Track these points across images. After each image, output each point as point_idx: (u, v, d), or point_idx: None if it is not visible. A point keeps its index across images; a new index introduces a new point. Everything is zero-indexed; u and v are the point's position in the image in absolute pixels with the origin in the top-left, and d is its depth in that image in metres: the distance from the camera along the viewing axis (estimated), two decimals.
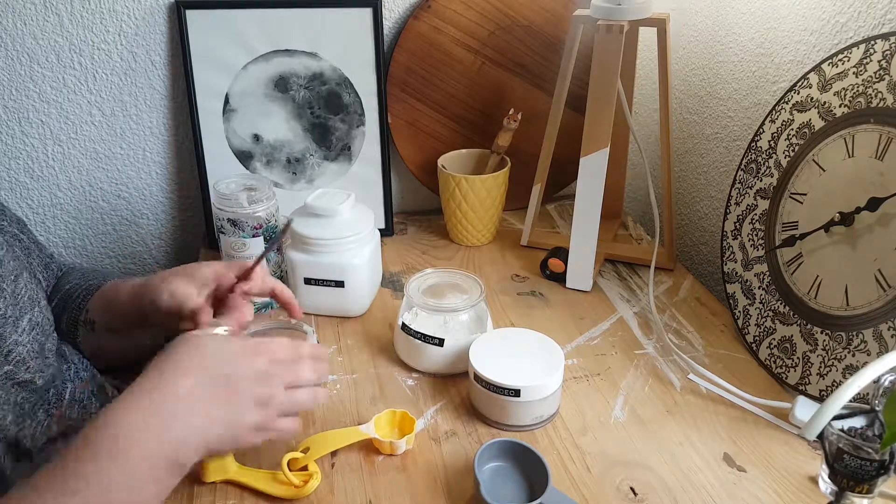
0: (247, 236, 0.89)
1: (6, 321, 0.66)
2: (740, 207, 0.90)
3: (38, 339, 0.71)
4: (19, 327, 0.69)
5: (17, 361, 0.68)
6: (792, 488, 0.69)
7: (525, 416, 0.75)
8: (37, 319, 0.71)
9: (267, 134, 1.07)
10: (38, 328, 0.71)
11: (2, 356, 0.66)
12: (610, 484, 0.69)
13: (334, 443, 0.72)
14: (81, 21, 1.00)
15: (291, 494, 0.68)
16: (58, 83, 1.03)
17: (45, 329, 0.73)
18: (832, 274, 0.77)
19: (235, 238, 0.90)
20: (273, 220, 0.91)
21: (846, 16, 0.83)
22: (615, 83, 0.90)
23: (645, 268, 1.03)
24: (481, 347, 0.78)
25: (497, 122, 1.07)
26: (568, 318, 0.94)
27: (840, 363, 0.75)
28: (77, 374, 0.76)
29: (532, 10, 1.07)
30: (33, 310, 0.71)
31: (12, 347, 0.67)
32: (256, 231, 0.89)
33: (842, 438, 0.62)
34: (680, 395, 0.81)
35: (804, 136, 0.82)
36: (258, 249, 0.90)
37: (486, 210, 1.07)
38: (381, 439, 0.72)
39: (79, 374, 0.77)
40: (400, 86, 1.09)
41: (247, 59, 1.03)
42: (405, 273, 1.04)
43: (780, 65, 0.94)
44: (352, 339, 0.90)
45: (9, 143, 1.05)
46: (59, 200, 1.10)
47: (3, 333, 0.66)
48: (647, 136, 1.25)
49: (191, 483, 0.69)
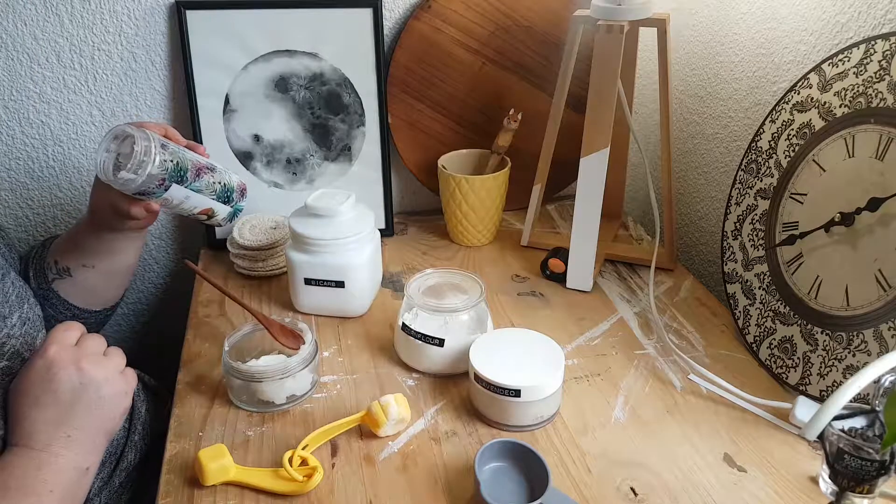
0: (160, 194, 0.78)
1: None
2: (741, 207, 0.90)
3: (30, 332, 0.72)
4: (9, 323, 0.70)
5: (11, 354, 0.68)
6: (792, 488, 0.69)
7: (525, 417, 0.75)
8: (27, 315, 0.73)
9: (267, 134, 1.07)
10: (30, 323, 0.73)
11: None
12: (610, 484, 0.69)
13: (331, 432, 0.73)
14: (82, 21, 1.00)
15: (295, 489, 0.68)
16: (58, 84, 1.03)
17: (36, 324, 0.75)
18: (832, 274, 0.77)
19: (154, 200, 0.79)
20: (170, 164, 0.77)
21: (846, 16, 0.83)
22: (615, 83, 0.90)
23: (645, 268, 1.03)
24: (481, 348, 0.78)
25: (497, 122, 1.07)
26: (568, 319, 0.94)
27: (840, 363, 0.75)
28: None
29: (532, 11, 1.07)
30: (22, 307, 0.73)
31: (5, 340, 0.68)
32: (164, 184, 0.77)
33: (842, 439, 0.62)
34: (680, 395, 0.81)
35: (804, 137, 0.82)
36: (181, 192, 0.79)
37: (486, 210, 1.07)
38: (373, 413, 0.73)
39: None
40: (400, 86, 1.09)
41: (247, 59, 1.03)
42: (405, 273, 1.04)
43: (780, 65, 0.94)
44: (352, 340, 0.90)
45: (9, 144, 1.05)
46: (59, 201, 1.10)
47: None
48: (647, 136, 1.25)
49: (191, 486, 0.69)
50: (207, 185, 0.82)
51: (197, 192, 0.81)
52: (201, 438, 0.75)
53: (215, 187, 0.84)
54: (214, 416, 0.78)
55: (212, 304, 0.97)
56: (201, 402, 0.80)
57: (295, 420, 0.78)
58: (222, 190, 0.84)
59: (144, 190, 0.76)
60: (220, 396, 0.81)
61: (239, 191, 0.87)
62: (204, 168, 0.82)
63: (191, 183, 0.80)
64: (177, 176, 0.78)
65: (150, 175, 0.75)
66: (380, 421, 0.73)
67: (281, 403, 0.78)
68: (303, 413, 0.79)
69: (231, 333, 0.81)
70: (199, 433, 0.76)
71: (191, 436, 0.75)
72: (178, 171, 0.78)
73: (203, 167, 0.82)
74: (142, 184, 0.75)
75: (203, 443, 0.74)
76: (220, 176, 0.84)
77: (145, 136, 0.75)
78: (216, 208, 0.85)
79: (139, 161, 0.74)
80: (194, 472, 0.70)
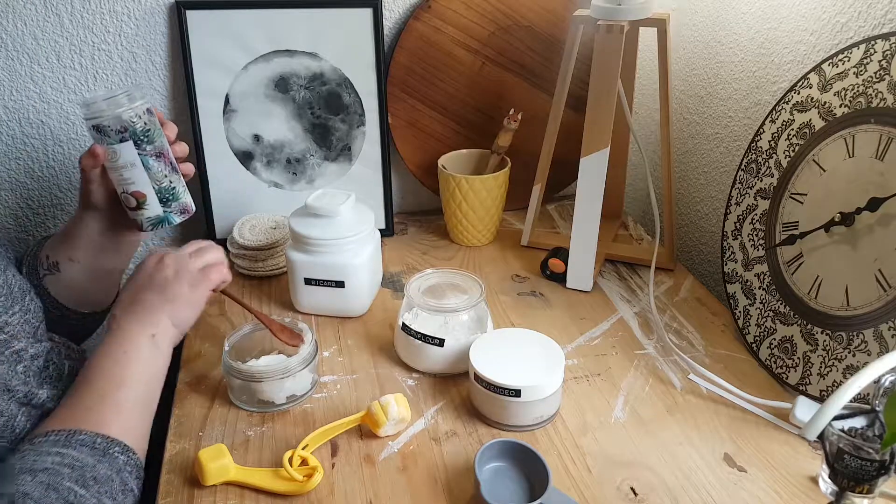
0: (113, 142, 0.78)
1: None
2: (741, 207, 0.90)
3: (31, 322, 0.73)
4: (10, 311, 0.72)
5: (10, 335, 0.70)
6: (792, 488, 0.69)
7: (525, 417, 0.75)
8: (28, 307, 0.74)
9: (267, 134, 1.07)
10: (31, 314, 0.74)
11: None
12: (610, 484, 0.69)
13: (331, 432, 0.73)
14: (82, 21, 1.00)
15: (295, 489, 0.68)
16: (58, 83, 1.03)
17: (38, 315, 0.77)
18: (833, 274, 0.77)
19: (105, 147, 0.79)
20: (141, 123, 0.78)
21: (846, 16, 0.83)
22: (615, 83, 0.90)
23: (645, 268, 1.03)
24: (482, 347, 0.78)
25: (497, 122, 1.07)
26: (568, 319, 0.94)
27: (840, 363, 0.75)
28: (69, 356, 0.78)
29: (532, 11, 1.07)
30: (24, 299, 0.74)
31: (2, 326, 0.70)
32: (122, 135, 0.78)
33: (842, 438, 0.62)
34: (680, 395, 0.81)
35: (804, 137, 0.82)
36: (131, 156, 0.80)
37: (486, 210, 1.07)
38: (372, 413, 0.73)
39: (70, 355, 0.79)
40: (400, 86, 1.09)
41: (247, 59, 1.03)
42: (405, 273, 1.04)
43: (780, 65, 0.94)
44: (352, 340, 0.90)
45: (9, 144, 1.05)
46: (59, 201, 1.10)
47: None
48: (647, 136, 1.25)
49: (191, 486, 0.69)
50: (158, 171, 0.81)
51: (145, 168, 0.80)
52: (201, 438, 0.75)
53: (164, 181, 0.82)
54: (214, 416, 0.78)
55: (212, 304, 0.97)
56: (201, 402, 0.80)
57: (295, 420, 0.78)
58: (168, 189, 0.83)
59: (103, 126, 0.78)
60: (220, 396, 0.81)
61: (181, 207, 0.85)
62: (167, 158, 0.82)
63: (146, 155, 0.80)
64: (138, 138, 0.79)
65: (116, 116, 0.77)
66: (380, 421, 0.73)
67: (281, 403, 0.78)
68: (303, 413, 0.79)
69: (231, 333, 0.81)
70: (199, 433, 0.76)
71: (191, 436, 0.76)
72: (144, 135, 0.79)
73: (167, 158, 0.82)
74: (105, 118, 0.77)
75: (203, 443, 0.75)
76: (175, 179, 0.84)
77: (141, 94, 0.79)
78: (149, 199, 0.82)
79: (117, 99, 0.77)
80: (194, 472, 0.70)
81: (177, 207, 0.84)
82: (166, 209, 0.83)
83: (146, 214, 0.83)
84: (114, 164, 0.79)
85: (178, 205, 0.84)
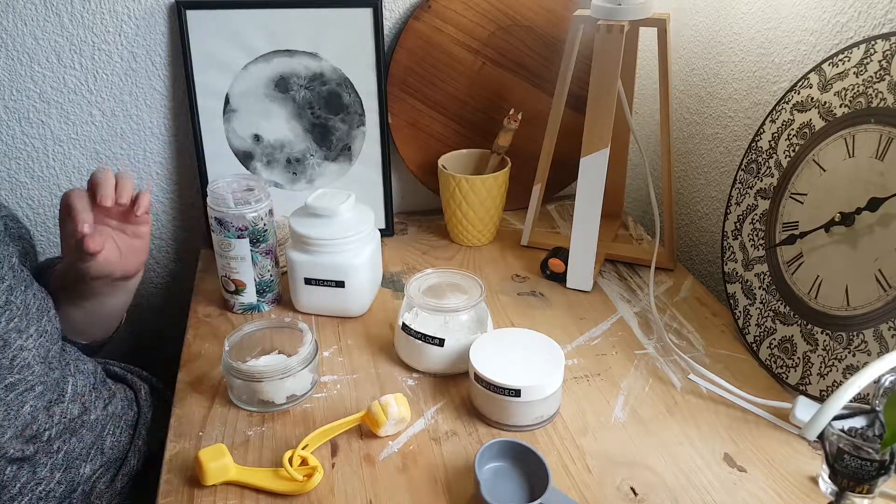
0: (231, 237, 0.88)
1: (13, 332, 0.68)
2: (741, 207, 0.90)
3: (45, 345, 0.71)
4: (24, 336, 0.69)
5: (21, 367, 0.68)
6: (792, 488, 0.69)
7: (525, 416, 0.75)
8: (45, 328, 0.72)
9: (267, 134, 1.07)
10: (46, 335, 0.72)
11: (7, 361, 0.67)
12: (610, 484, 0.69)
13: (331, 432, 0.73)
14: (82, 21, 1.00)
15: (295, 489, 0.68)
16: (58, 83, 1.03)
17: (53, 337, 0.74)
18: (833, 274, 0.77)
19: (221, 237, 0.89)
20: (261, 224, 0.89)
21: (847, 16, 0.83)
22: (615, 83, 0.90)
23: (645, 268, 1.03)
24: (482, 347, 0.78)
25: (497, 122, 1.07)
26: (568, 319, 0.94)
27: (840, 363, 0.75)
28: (78, 369, 0.77)
29: (532, 11, 1.07)
30: (41, 320, 0.72)
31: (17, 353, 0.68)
32: (241, 232, 0.88)
33: (842, 438, 0.62)
34: (680, 395, 0.81)
35: (805, 136, 0.82)
36: (244, 252, 0.90)
37: (486, 210, 1.07)
38: (372, 412, 0.73)
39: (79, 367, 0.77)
40: (400, 86, 1.09)
41: (247, 59, 1.03)
42: (405, 273, 1.04)
43: (780, 65, 0.94)
44: (352, 340, 0.90)
45: (9, 143, 1.05)
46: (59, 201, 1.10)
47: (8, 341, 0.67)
48: (647, 136, 1.25)
49: (191, 486, 0.69)
50: (263, 267, 0.92)
51: (253, 262, 0.91)
52: (201, 438, 0.75)
53: (266, 276, 0.93)
54: (214, 416, 0.78)
55: (212, 304, 0.97)
56: (201, 401, 0.80)
57: (295, 420, 0.78)
58: (267, 282, 0.93)
59: (225, 221, 0.88)
60: (220, 396, 0.81)
61: (273, 298, 0.95)
62: (273, 255, 0.93)
63: (257, 252, 0.90)
64: (255, 238, 0.89)
65: (241, 216, 0.87)
66: (380, 421, 0.73)
67: (281, 403, 0.78)
68: (303, 413, 0.79)
69: (231, 333, 0.81)
70: (199, 433, 0.76)
71: (191, 436, 0.75)
72: (261, 235, 0.90)
73: (273, 255, 0.93)
74: (231, 214, 0.87)
75: (203, 443, 0.74)
76: (275, 274, 0.94)
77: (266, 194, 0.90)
78: (248, 289, 0.93)
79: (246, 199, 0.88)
80: (194, 472, 0.70)
81: (269, 298, 0.95)
82: (260, 299, 0.94)
83: (240, 300, 0.94)
84: (224, 254, 0.91)
85: (271, 296, 0.95)
